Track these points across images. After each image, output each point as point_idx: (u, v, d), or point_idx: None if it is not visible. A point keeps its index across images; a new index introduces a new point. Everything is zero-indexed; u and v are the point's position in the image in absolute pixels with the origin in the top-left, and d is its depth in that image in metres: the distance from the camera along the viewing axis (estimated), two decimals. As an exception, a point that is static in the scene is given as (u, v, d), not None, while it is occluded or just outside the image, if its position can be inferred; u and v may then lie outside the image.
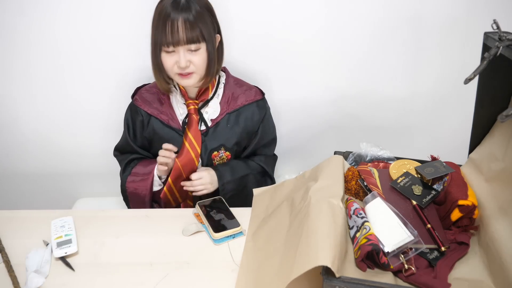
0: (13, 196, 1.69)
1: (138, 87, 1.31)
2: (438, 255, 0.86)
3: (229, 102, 1.25)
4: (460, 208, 0.90)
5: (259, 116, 1.29)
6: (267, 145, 1.35)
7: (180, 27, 1.06)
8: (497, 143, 0.93)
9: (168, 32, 1.07)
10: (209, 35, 1.11)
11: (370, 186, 0.98)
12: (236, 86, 1.28)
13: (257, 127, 1.30)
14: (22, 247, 1.01)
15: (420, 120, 1.56)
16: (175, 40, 1.07)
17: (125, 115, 1.30)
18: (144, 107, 1.25)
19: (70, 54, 1.37)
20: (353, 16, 1.34)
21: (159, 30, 1.08)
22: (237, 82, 1.30)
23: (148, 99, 1.26)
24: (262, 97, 1.30)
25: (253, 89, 1.30)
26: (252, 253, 0.97)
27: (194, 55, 1.11)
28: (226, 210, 1.12)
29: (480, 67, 0.82)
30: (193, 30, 1.07)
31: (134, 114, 1.27)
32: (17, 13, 1.29)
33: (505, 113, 0.74)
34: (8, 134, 1.53)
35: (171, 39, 1.07)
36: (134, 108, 1.27)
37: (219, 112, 1.25)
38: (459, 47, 1.39)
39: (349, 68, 1.44)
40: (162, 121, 1.25)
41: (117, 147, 1.34)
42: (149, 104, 1.26)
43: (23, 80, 1.42)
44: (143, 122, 1.26)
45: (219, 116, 1.25)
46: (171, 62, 1.12)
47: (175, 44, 1.08)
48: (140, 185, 1.25)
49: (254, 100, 1.28)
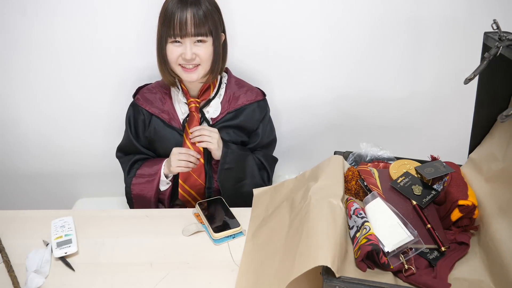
0: (13, 196, 1.69)
1: (140, 87, 1.31)
2: (438, 255, 0.86)
3: (230, 102, 1.26)
4: (460, 208, 0.90)
5: (260, 115, 1.29)
6: (266, 146, 1.35)
7: (189, 20, 1.08)
8: (497, 143, 0.93)
9: (176, 25, 1.08)
10: (216, 31, 1.13)
11: (370, 186, 0.98)
12: (238, 87, 1.28)
13: (256, 126, 1.30)
14: (22, 247, 1.01)
15: (420, 120, 1.56)
16: (182, 32, 1.09)
17: (127, 114, 1.29)
18: (146, 106, 1.26)
19: (71, 54, 1.37)
20: (353, 17, 1.34)
21: (166, 24, 1.09)
22: (239, 82, 1.30)
23: (150, 98, 1.26)
24: (263, 98, 1.31)
25: (255, 90, 1.31)
26: (252, 253, 0.97)
27: (200, 47, 1.13)
28: (226, 210, 1.12)
29: (480, 67, 0.82)
30: (201, 25, 1.09)
31: (136, 113, 1.27)
32: (18, 13, 1.29)
33: (505, 113, 0.74)
34: (8, 134, 1.53)
35: (178, 31, 1.09)
36: (136, 107, 1.27)
37: (220, 111, 1.25)
38: (459, 47, 1.39)
39: (349, 68, 1.44)
40: (163, 120, 1.25)
41: (120, 147, 1.34)
42: (151, 103, 1.26)
43: (24, 80, 1.42)
44: (145, 121, 1.26)
45: (220, 115, 1.25)
46: (176, 54, 1.13)
47: (183, 36, 1.10)
48: (146, 187, 1.25)
49: (255, 100, 1.28)
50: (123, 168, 1.31)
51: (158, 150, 1.29)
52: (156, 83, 1.30)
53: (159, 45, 1.15)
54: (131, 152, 1.31)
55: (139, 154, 1.30)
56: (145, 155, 1.31)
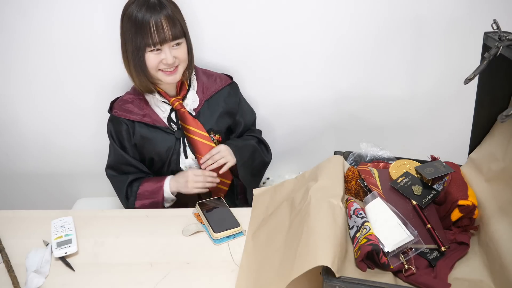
0: (13, 196, 1.69)
1: (112, 101, 1.29)
2: (438, 255, 0.86)
3: (203, 91, 1.29)
4: (460, 208, 0.90)
5: (236, 97, 1.35)
6: (252, 125, 1.42)
7: (164, 25, 1.09)
8: (497, 143, 0.93)
9: (153, 33, 1.09)
10: (186, 28, 1.16)
11: (370, 186, 0.98)
12: (206, 76, 1.33)
13: (236, 109, 1.34)
14: (22, 247, 1.01)
15: (420, 120, 1.56)
16: (161, 39, 1.10)
17: (108, 130, 1.27)
18: (126, 116, 1.25)
19: (70, 54, 1.37)
20: (353, 17, 1.34)
21: (140, 34, 1.10)
22: (205, 72, 1.34)
23: (127, 108, 1.25)
24: (232, 81, 1.35)
25: (222, 76, 1.35)
26: (252, 253, 0.97)
27: (178, 50, 1.15)
28: (226, 210, 1.12)
29: (480, 67, 0.82)
30: (175, 26, 1.11)
31: (117, 126, 1.26)
32: (17, 14, 1.29)
33: (505, 113, 0.74)
34: (8, 134, 1.53)
35: (157, 38, 1.10)
36: (115, 120, 1.26)
37: (198, 101, 1.28)
38: (459, 47, 1.39)
39: (349, 69, 1.44)
40: (147, 124, 1.25)
41: (109, 165, 1.30)
42: (130, 112, 1.25)
43: (23, 80, 1.42)
44: (129, 130, 1.25)
45: (199, 105, 1.28)
46: (156, 61, 1.15)
47: (162, 43, 1.11)
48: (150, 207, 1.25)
49: (226, 84, 1.33)
50: (117, 188, 1.29)
51: (148, 154, 1.28)
52: (127, 93, 1.29)
53: (135, 55, 1.13)
54: (123, 167, 1.28)
55: (131, 167, 1.28)
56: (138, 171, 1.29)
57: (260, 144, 1.39)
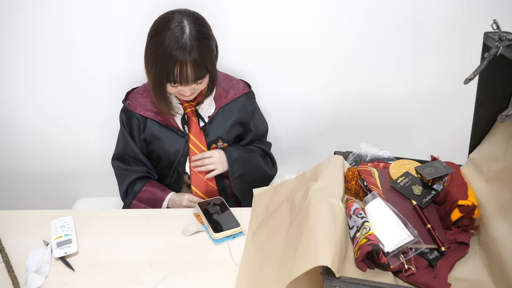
0: (13, 196, 1.69)
1: (128, 92, 1.29)
2: (438, 255, 0.86)
3: (221, 97, 1.28)
4: (460, 208, 0.90)
5: (251, 107, 1.32)
6: (262, 136, 1.41)
7: (189, 70, 1.08)
8: (497, 143, 0.93)
9: (176, 74, 1.08)
10: (212, 63, 1.13)
11: (370, 186, 0.98)
12: (226, 81, 1.31)
13: (249, 118, 1.33)
14: (22, 247, 1.01)
15: (420, 120, 1.56)
16: (183, 80, 1.09)
17: (120, 119, 1.28)
18: (140, 111, 1.24)
19: (71, 54, 1.37)
20: (353, 16, 1.34)
21: (164, 69, 1.08)
22: (226, 77, 1.32)
23: (142, 102, 1.25)
24: (249, 90, 1.34)
25: (241, 82, 1.33)
26: (252, 253, 0.97)
27: (199, 85, 1.15)
28: (226, 210, 1.12)
29: (480, 67, 0.82)
30: (200, 69, 1.09)
31: (129, 118, 1.26)
32: (18, 13, 1.29)
33: (505, 113, 0.74)
34: (8, 134, 1.53)
35: (179, 79, 1.09)
36: (128, 112, 1.26)
37: (214, 108, 1.28)
38: (459, 47, 1.39)
39: (349, 68, 1.44)
40: (159, 123, 1.25)
41: (116, 155, 1.31)
42: (144, 107, 1.25)
43: (23, 80, 1.42)
44: (140, 125, 1.25)
45: (215, 111, 1.28)
46: (174, 90, 1.15)
47: (183, 83, 1.10)
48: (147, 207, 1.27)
49: (243, 93, 1.31)
50: (119, 180, 1.30)
51: (156, 152, 1.28)
52: (144, 86, 1.29)
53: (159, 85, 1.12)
54: (130, 159, 1.29)
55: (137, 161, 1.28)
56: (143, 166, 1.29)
57: (265, 157, 1.37)
